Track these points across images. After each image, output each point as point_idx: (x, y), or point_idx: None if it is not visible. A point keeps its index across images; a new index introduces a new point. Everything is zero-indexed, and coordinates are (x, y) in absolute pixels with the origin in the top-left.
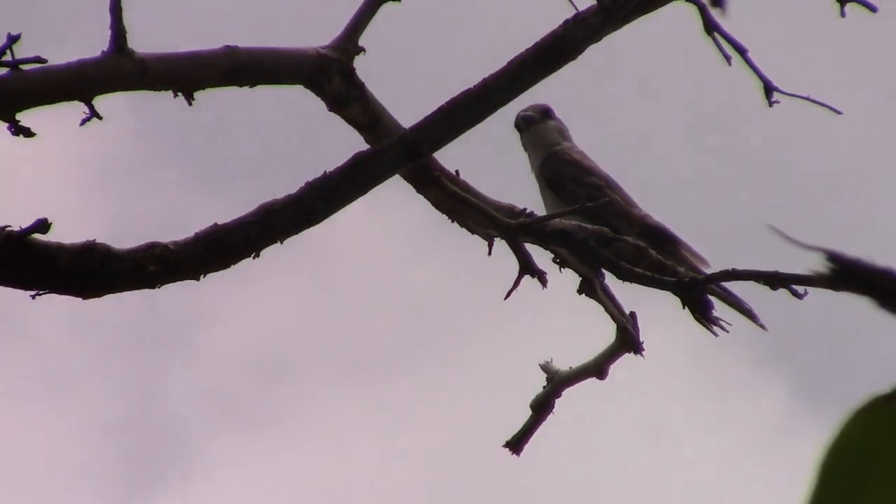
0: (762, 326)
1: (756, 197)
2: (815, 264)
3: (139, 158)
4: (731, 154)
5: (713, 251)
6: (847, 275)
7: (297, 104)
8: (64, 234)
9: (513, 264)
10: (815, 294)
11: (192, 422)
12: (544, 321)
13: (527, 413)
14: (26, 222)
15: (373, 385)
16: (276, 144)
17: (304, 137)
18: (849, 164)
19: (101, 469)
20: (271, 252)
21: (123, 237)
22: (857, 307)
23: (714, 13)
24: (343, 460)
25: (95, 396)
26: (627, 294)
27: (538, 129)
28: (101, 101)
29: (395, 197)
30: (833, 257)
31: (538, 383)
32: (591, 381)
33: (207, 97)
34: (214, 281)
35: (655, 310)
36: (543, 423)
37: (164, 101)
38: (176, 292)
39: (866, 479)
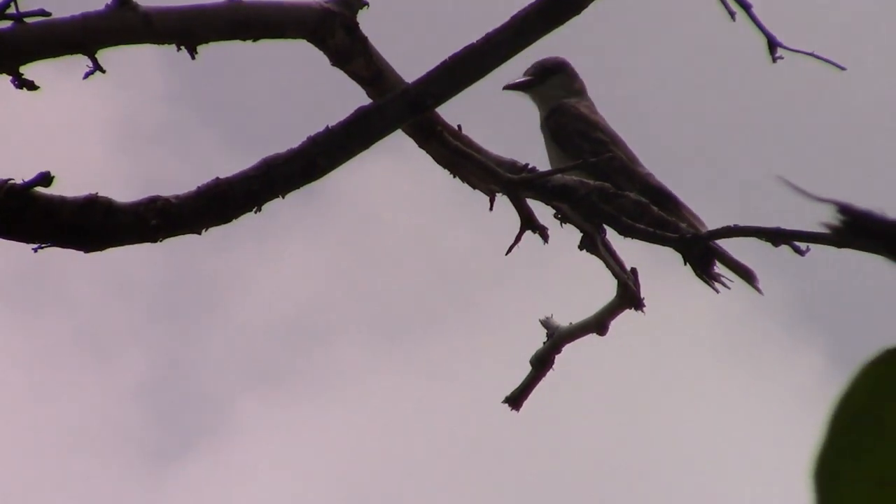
0: (758, 290)
1: (763, 153)
2: (825, 217)
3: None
4: (736, 110)
5: (716, 209)
6: (858, 227)
7: (301, 58)
8: (68, 188)
9: (514, 220)
10: (837, 254)
11: (223, 384)
12: (545, 277)
13: (527, 369)
14: (30, 176)
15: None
16: (280, 99)
17: (308, 92)
18: (852, 120)
19: (134, 430)
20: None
21: (127, 191)
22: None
23: None
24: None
25: (129, 358)
26: (629, 250)
27: (537, 93)
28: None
29: (398, 151)
30: (844, 209)
31: (539, 339)
32: (592, 337)
33: (211, 51)
34: (244, 243)
35: (658, 266)
36: (543, 378)
37: (168, 55)
38: (208, 254)
39: (877, 430)
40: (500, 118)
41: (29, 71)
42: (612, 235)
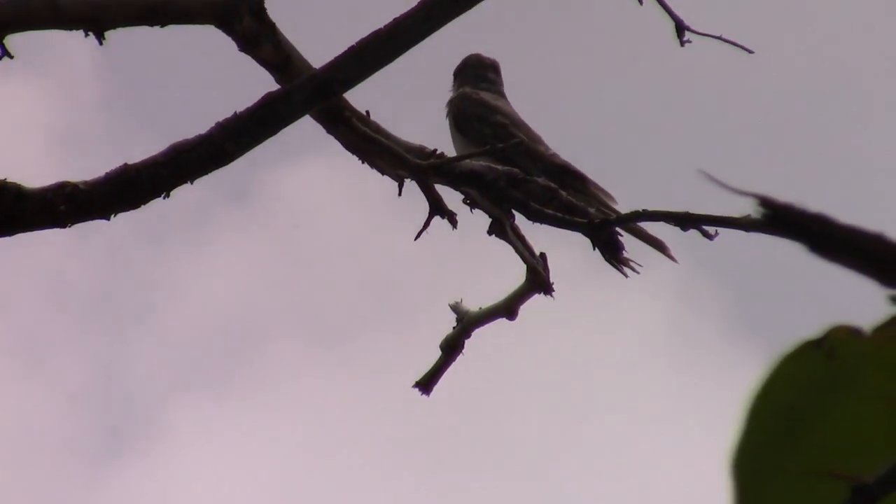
0: (673, 258)
1: (675, 138)
2: (745, 208)
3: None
4: (645, 94)
5: (628, 194)
6: (779, 219)
7: (209, 43)
8: None
9: (423, 205)
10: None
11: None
12: (454, 262)
13: (437, 353)
14: None
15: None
16: (188, 84)
17: (216, 77)
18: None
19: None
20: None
21: (38, 177)
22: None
23: None
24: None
25: (60, 362)
26: (538, 235)
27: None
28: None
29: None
30: (764, 201)
31: (448, 324)
32: (502, 322)
33: (119, 35)
34: (177, 247)
35: (567, 250)
36: (453, 363)
37: (75, 40)
38: (140, 258)
39: (795, 428)
40: (409, 103)
41: None
42: (520, 220)
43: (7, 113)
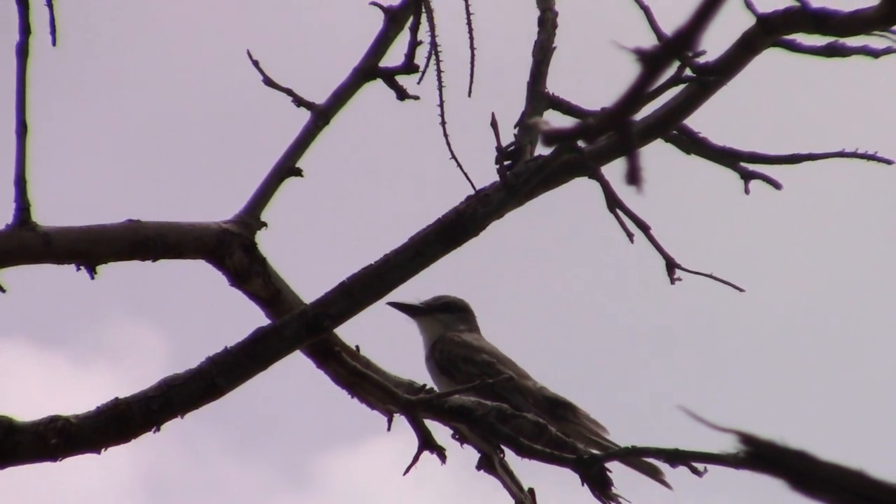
0: (667, 485)
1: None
2: (728, 445)
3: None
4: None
5: (619, 426)
6: (760, 456)
7: (200, 277)
8: None
9: (413, 440)
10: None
11: None
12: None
13: None
14: None
15: None
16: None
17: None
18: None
19: None
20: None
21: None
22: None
23: (625, 191)
24: None
25: None
26: (527, 470)
27: (422, 321)
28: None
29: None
30: (747, 439)
31: None
32: None
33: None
34: None
35: (556, 486)
36: None
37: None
38: None
39: None
40: (399, 338)
41: None
42: (510, 455)
43: None
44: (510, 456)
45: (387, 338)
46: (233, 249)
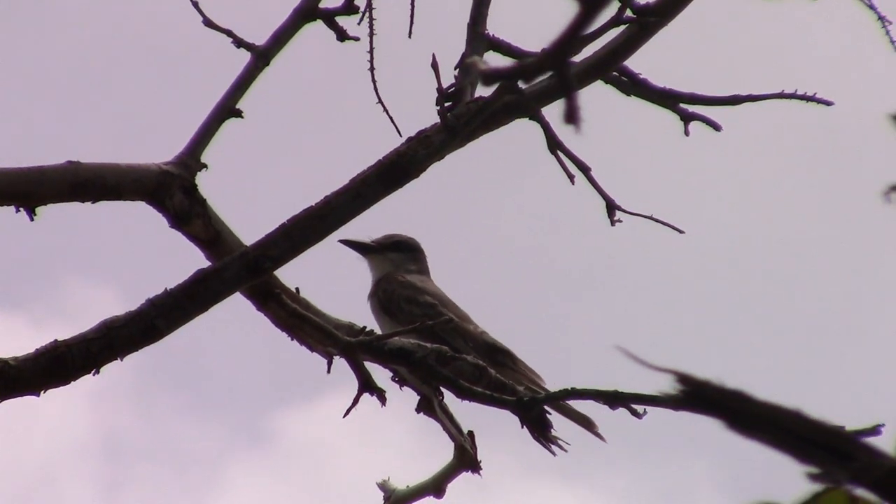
0: (600, 436)
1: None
2: (666, 386)
3: None
4: (577, 271)
5: (556, 369)
6: (697, 396)
7: (140, 218)
8: None
9: (352, 382)
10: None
11: None
12: (383, 439)
13: None
14: None
15: None
16: (119, 261)
17: (146, 253)
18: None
19: None
20: None
21: None
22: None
23: (566, 133)
24: None
25: None
26: (467, 412)
27: (372, 259)
28: None
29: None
30: (683, 379)
31: (376, 502)
32: (429, 500)
33: (49, 211)
34: None
35: (495, 429)
36: None
37: (5, 216)
38: None
39: None
40: (339, 280)
41: None
42: (449, 398)
43: None
44: (450, 398)
45: (331, 280)
46: (173, 191)
